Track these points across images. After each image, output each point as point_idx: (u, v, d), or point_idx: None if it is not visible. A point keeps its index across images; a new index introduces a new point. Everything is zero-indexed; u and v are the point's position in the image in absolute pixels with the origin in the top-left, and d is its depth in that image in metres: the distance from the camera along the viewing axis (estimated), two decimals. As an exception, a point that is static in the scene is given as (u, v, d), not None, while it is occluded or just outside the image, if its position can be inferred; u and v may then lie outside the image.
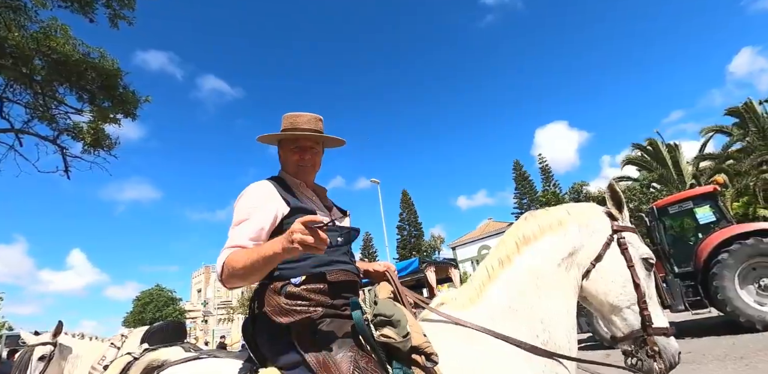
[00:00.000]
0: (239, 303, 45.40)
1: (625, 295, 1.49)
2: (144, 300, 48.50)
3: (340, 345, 1.21)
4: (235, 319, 47.65)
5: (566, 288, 1.51)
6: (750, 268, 6.98)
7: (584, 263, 1.53)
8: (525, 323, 1.42)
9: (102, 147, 9.18)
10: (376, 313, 1.22)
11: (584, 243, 1.55)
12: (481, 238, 39.57)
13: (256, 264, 1.17)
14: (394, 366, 1.19)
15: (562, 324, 1.46)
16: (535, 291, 1.47)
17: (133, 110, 9.18)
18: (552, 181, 33.47)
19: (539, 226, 1.57)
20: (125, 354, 2.54)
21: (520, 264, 1.52)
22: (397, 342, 1.17)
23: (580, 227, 1.57)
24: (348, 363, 1.15)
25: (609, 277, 1.51)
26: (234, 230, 1.36)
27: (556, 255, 1.52)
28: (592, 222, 1.60)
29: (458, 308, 1.50)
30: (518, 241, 1.56)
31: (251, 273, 1.21)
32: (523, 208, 35.65)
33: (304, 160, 1.58)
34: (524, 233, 1.57)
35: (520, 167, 36.79)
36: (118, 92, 8.82)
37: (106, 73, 8.37)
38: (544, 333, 1.42)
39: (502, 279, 1.51)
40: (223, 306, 51.96)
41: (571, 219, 1.59)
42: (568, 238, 1.55)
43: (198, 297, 58.41)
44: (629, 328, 1.49)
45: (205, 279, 58.75)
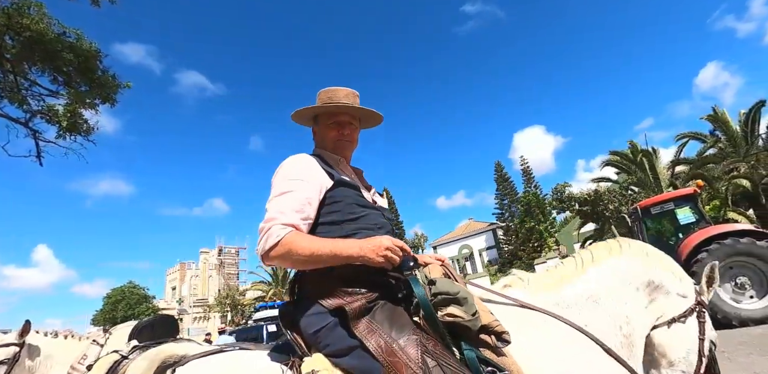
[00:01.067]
0: (216, 301, 44.41)
1: (686, 359, 1.51)
2: (115, 297, 46.83)
3: (401, 328, 1.11)
4: (211, 318, 46.62)
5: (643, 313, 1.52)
6: (727, 267, 7.18)
7: (667, 314, 1.55)
8: (608, 315, 1.42)
9: (79, 132, 8.60)
10: (437, 292, 1.12)
11: (671, 293, 1.58)
12: (461, 238, 39.88)
13: (324, 258, 1.16)
14: (463, 347, 1.07)
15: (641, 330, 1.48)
16: (622, 294, 1.49)
17: (112, 95, 8.66)
18: (533, 182, 34.00)
19: (638, 249, 1.63)
20: (111, 352, 2.29)
21: (612, 266, 1.55)
22: (466, 320, 1.07)
23: (669, 274, 1.61)
24: (415, 347, 1.04)
25: (681, 338, 1.54)
26: (277, 202, 1.26)
27: (643, 276, 1.56)
28: (687, 283, 1.63)
29: (533, 291, 1.48)
30: (614, 249, 1.61)
31: (313, 263, 1.18)
32: (504, 209, 36.11)
33: (343, 135, 1.50)
34: (622, 246, 1.63)
35: (501, 168, 37.30)
36: (96, 75, 8.33)
37: (84, 54, 7.89)
38: (628, 326, 1.42)
39: (591, 274, 1.53)
40: (199, 304, 50.78)
41: (666, 261, 1.65)
42: (657, 272, 1.59)
43: (172, 295, 56.82)
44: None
45: (179, 277, 57.19)
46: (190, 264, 58.43)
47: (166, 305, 51.82)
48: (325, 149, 1.51)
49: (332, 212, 1.32)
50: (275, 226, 1.18)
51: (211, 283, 55.75)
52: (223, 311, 42.10)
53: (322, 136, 1.53)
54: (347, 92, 1.50)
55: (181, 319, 46.11)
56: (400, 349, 1.04)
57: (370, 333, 1.10)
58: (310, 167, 1.34)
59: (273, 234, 1.17)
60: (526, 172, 34.45)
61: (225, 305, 41.50)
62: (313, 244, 1.16)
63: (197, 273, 56.99)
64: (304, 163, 1.36)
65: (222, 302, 41.87)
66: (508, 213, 35.45)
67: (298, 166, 1.34)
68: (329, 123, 1.50)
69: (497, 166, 37.22)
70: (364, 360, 1.07)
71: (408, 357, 1.02)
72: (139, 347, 2.38)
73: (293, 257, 1.16)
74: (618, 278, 1.52)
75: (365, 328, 1.12)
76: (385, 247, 1.15)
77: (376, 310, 1.17)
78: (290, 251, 1.15)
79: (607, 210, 21.87)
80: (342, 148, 1.51)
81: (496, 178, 36.85)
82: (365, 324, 1.13)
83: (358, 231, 1.31)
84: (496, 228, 37.13)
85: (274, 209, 1.23)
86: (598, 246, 1.65)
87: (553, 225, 32.46)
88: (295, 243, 1.15)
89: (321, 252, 1.15)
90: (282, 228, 1.18)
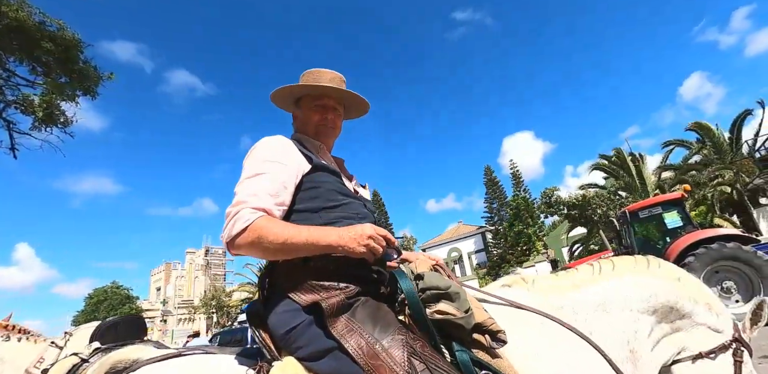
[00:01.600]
0: (201, 302, 43.69)
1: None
2: (97, 298, 45.81)
3: (385, 327, 0.99)
4: (197, 319, 45.83)
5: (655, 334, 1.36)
6: (713, 271, 7.24)
7: (692, 347, 1.38)
8: (619, 324, 1.29)
9: (55, 123, 8.25)
10: (425, 287, 1.01)
11: (698, 323, 1.41)
12: (451, 241, 39.90)
13: (299, 247, 1.03)
14: (455, 348, 0.96)
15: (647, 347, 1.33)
16: (638, 312, 1.34)
17: (93, 87, 8.32)
18: (522, 186, 34.21)
19: (668, 271, 1.47)
20: (70, 355, 2.10)
21: (634, 281, 1.40)
22: (458, 317, 0.96)
23: (716, 314, 1.44)
24: (400, 348, 0.93)
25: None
26: (249, 184, 1.13)
27: (666, 298, 1.39)
28: (724, 318, 1.45)
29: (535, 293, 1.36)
30: (641, 264, 1.47)
31: (286, 252, 1.05)
32: (493, 212, 36.26)
33: (326, 120, 1.39)
34: (650, 264, 1.46)
35: (490, 172, 37.47)
36: (78, 66, 7.98)
37: (65, 44, 7.57)
38: (636, 342, 1.28)
39: (611, 284, 1.39)
40: (184, 305, 49.85)
41: (703, 289, 1.48)
42: (684, 300, 1.41)
43: (157, 296, 55.78)
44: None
45: (165, 277, 56.23)
46: (176, 265, 57.48)
47: (150, 306, 50.81)
48: (305, 134, 1.41)
49: (310, 198, 1.21)
50: (244, 210, 1.06)
51: (197, 284, 54.89)
52: (209, 312, 41.45)
53: (303, 119, 1.42)
54: (333, 75, 1.41)
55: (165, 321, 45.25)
56: (383, 351, 0.93)
57: (349, 333, 0.98)
58: (286, 149, 1.23)
59: (241, 218, 1.04)
60: (516, 175, 34.66)
61: (211, 306, 40.88)
62: (287, 231, 1.03)
63: (183, 274, 56.08)
64: (281, 145, 1.24)
65: (207, 303, 41.21)
66: (498, 217, 35.58)
67: (274, 147, 1.23)
68: (312, 105, 1.39)
69: (487, 170, 37.42)
70: (342, 363, 0.95)
71: (393, 359, 0.91)
72: (101, 349, 2.21)
73: (263, 245, 1.02)
74: (638, 295, 1.38)
75: (344, 327, 0.99)
76: (368, 236, 1.03)
77: (357, 307, 1.06)
78: (260, 238, 1.02)
79: (596, 215, 22.08)
80: (324, 134, 1.40)
81: (485, 181, 37.02)
82: (344, 322, 1.01)
83: (338, 220, 1.20)
84: (485, 232, 37.22)
85: (245, 192, 1.10)
86: (623, 259, 1.50)
87: (542, 229, 32.68)
88: (266, 229, 1.02)
89: (295, 240, 1.02)
90: (252, 213, 1.05)
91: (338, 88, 1.37)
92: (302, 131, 1.42)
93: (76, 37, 7.94)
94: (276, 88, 1.39)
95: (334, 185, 1.26)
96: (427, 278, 1.05)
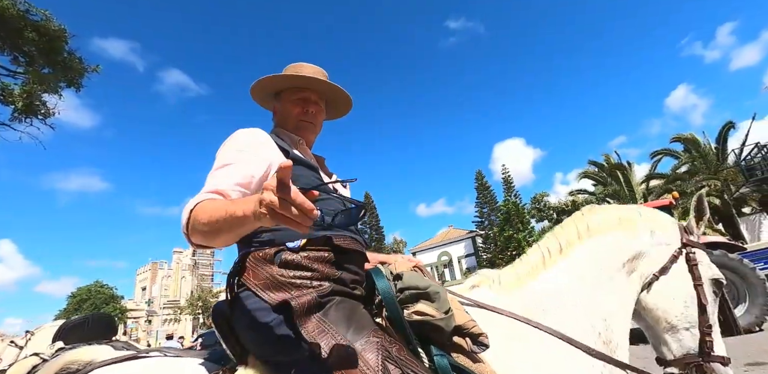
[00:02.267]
0: (188, 302, 43.13)
1: (685, 316, 1.34)
2: (80, 296, 44.96)
3: (358, 329, 0.92)
4: (182, 320, 45.17)
5: (625, 293, 1.34)
6: (700, 279, 7.30)
7: (647, 273, 1.38)
8: (586, 317, 1.24)
9: (36, 114, 7.92)
10: (403, 287, 0.97)
11: (650, 251, 1.39)
12: (441, 244, 39.95)
13: (220, 223, 0.83)
14: (433, 353, 0.91)
15: (624, 326, 1.29)
16: (597, 285, 1.30)
17: (77, 79, 8.05)
18: (513, 191, 34.41)
19: (606, 220, 1.42)
20: (30, 355, 1.99)
21: (582, 254, 1.35)
22: (437, 319, 0.92)
23: (651, 232, 1.41)
24: (375, 352, 0.86)
25: (671, 293, 1.36)
26: (216, 175, 1.06)
27: (620, 253, 1.37)
28: (663, 230, 1.45)
29: (501, 291, 1.31)
30: (582, 231, 1.39)
31: (214, 232, 0.87)
32: (484, 217, 36.42)
33: (308, 114, 1.33)
34: (590, 224, 1.40)
35: (482, 177, 37.68)
36: (62, 57, 7.71)
37: (49, 34, 7.28)
38: (607, 332, 1.24)
39: (562, 266, 1.33)
40: (170, 305, 49.15)
41: (642, 220, 1.44)
42: (635, 240, 1.39)
43: (142, 296, 54.99)
44: (682, 351, 1.34)
45: (151, 276, 55.44)
46: (163, 264, 56.73)
47: (134, 306, 50.03)
48: (284, 128, 1.34)
49: None
50: (196, 196, 0.96)
51: (183, 284, 54.17)
52: (195, 313, 40.92)
53: (283, 113, 1.36)
54: (316, 69, 1.36)
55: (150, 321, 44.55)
56: (356, 353, 0.86)
57: (320, 334, 0.90)
58: (260, 140, 1.16)
59: (187, 206, 0.93)
60: (507, 180, 34.85)
61: (197, 307, 40.37)
62: (216, 208, 0.86)
63: (169, 274, 55.34)
64: (254, 136, 1.18)
65: (194, 304, 40.69)
66: (488, 222, 35.75)
67: (248, 137, 1.16)
68: (294, 98, 1.34)
69: (478, 175, 37.64)
70: (311, 367, 0.88)
71: (366, 363, 0.84)
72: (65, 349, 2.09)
73: (200, 228, 0.88)
74: (592, 267, 1.34)
75: (315, 328, 0.92)
76: (264, 187, 0.70)
77: (330, 307, 0.98)
78: (195, 220, 0.89)
79: (585, 221, 22.24)
80: (304, 129, 1.34)
81: (476, 186, 37.22)
82: (315, 323, 0.93)
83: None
84: (475, 236, 37.34)
85: (210, 182, 1.03)
86: (565, 227, 1.44)
87: (532, 234, 32.81)
88: (200, 210, 0.89)
89: (219, 215, 0.83)
90: (200, 197, 0.95)
91: (321, 79, 1.31)
92: (282, 125, 1.36)
93: (62, 28, 7.68)
94: (256, 80, 1.32)
95: (311, 180, 1.19)
96: (406, 278, 1.01)
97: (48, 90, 8.00)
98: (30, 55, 7.66)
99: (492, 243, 33.77)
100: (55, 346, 2.16)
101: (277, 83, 1.35)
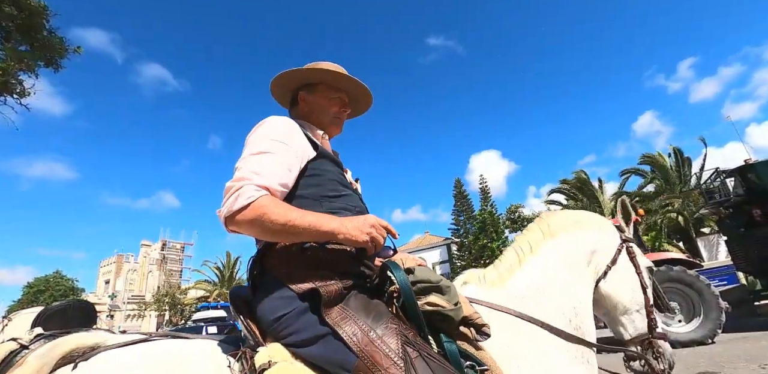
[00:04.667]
0: (154, 298, 41.65)
1: (634, 299, 1.57)
2: (37, 287, 42.84)
3: (378, 316, 0.99)
4: (147, 316, 43.61)
5: (589, 283, 1.56)
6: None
7: (601, 265, 1.60)
8: (558, 307, 1.42)
9: (11, 93, 7.45)
10: (416, 280, 1.05)
11: (603, 246, 1.62)
12: (416, 250, 40.16)
13: (300, 230, 1.00)
14: (443, 340, 1.01)
15: (590, 312, 1.51)
16: (565, 278, 1.49)
17: (57, 59, 7.63)
18: (490, 201, 35.07)
19: (565, 220, 1.64)
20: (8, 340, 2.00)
21: (549, 251, 1.55)
22: (448, 309, 1.01)
23: (597, 230, 1.66)
24: (395, 337, 0.93)
25: (622, 281, 1.59)
26: (253, 161, 1.09)
27: (581, 249, 1.58)
28: (606, 228, 1.70)
29: (486, 288, 1.47)
30: (545, 231, 1.59)
31: (286, 234, 1.02)
32: (460, 225, 36.86)
33: (342, 114, 1.40)
34: (551, 225, 1.61)
35: (460, 185, 38.08)
36: (41, 35, 7.35)
37: (29, 9, 6.87)
38: (577, 318, 1.43)
39: (533, 264, 1.51)
40: (134, 300, 47.30)
41: (590, 221, 1.69)
42: (591, 237, 1.62)
43: (105, 289, 52.66)
44: (637, 331, 1.57)
45: (115, 269, 53.20)
46: (129, 257, 54.53)
47: (96, 299, 47.77)
48: (310, 121, 1.34)
49: (312, 185, 1.18)
50: (248, 186, 1.02)
51: (150, 279, 52.17)
52: (161, 309, 39.58)
53: (316, 107, 1.36)
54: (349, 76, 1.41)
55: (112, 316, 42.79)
56: (378, 338, 0.92)
57: (344, 320, 0.97)
58: (294, 131, 1.19)
59: (244, 194, 1.00)
60: (484, 190, 35.42)
61: (163, 303, 39.07)
62: (291, 213, 1.00)
63: (136, 267, 53.22)
64: (289, 126, 1.20)
65: (160, 300, 39.36)
66: (463, 230, 36.22)
67: (282, 127, 1.19)
68: (333, 96, 1.37)
69: (457, 183, 38.09)
70: (333, 349, 0.94)
71: (387, 346, 0.91)
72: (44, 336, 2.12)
73: (265, 224, 0.98)
74: (559, 261, 1.52)
75: (338, 315, 0.98)
76: (371, 224, 1.03)
77: (350, 298, 1.05)
78: (262, 216, 0.98)
79: (556, 233, 23.01)
80: (336, 126, 1.39)
81: (455, 193, 37.62)
82: (338, 310, 1.00)
83: (339, 210, 1.17)
84: (450, 244, 37.80)
85: (249, 168, 1.06)
86: (530, 230, 1.63)
87: (506, 243, 33.47)
88: (269, 208, 0.99)
89: (298, 222, 0.98)
90: (256, 190, 1.02)
91: (367, 88, 1.38)
92: (308, 117, 1.36)
93: (42, 4, 7.32)
94: (301, 67, 1.34)
95: (336, 175, 1.25)
96: (417, 272, 1.07)
97: (25, 68, 7.60)
98: (7, 30, 7.29)
99: (466, 251, 34.25)
100: (33, 332, 2.19)
101: (319, 76, 1.36)
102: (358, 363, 0.90)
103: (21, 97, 8.07)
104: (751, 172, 9.80)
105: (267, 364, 0.93)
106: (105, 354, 1.01)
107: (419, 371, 0.88)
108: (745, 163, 10.36)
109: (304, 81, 1.39)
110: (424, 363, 0.90)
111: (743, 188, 9.95)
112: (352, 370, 0.90)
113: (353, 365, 0.91)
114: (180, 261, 57.10)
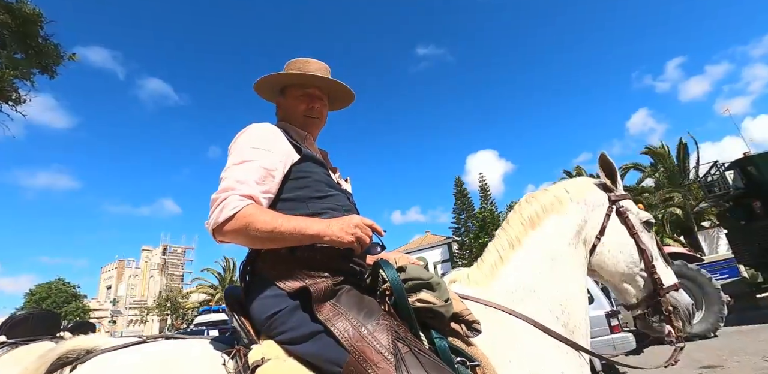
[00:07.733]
0: (155, 303, 41.62)
1: (633, 262, 1.48)
2: (40, 294, 42.49)
3: (369, 313, 1.00)
4: (149, 321, 43.55)
5: (577, 268, 1.48)
6: (661, 287, 7.77)
7: (590, 239, 1.52)
8: (545, 304, 1.37)
9: (6, 100, 7.45)
10: (407, 277, 1.06)
11: (587, 219, 1.53)
12: (417, 249, 40.20)
13: (286, 236, 1.03)
14: (434, 336, 1.02)
15: (580, 306, 1.43)
16: (550, 272, 1.43)
17: (52, 66, 7.62)
18: (490, 199, 35.04)
19: (542, 207, 1.53)
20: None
21: (531, 245, 1.47)
22: (438, 306, 1.01)
23: (579, 203, 1.55)
24: (386, 332, 0.94)
25: (615, 248, 1.50)
26: (236, 171, 1.11)
27: (564, 234, 1.49)
28: (589, 196, 1.57)
29: (472, 286, 1.42)
30: (524, 223, 1.51)
31: (272, 241, 1.05)
32: (460, 223, 36.86)
33: (313, 110, 1.39)
34: (529, 215, 1.53)
35: (461, 184, 38.07)
36: (36, 43, 7.32)
37: (24, 16, 6.85)
38: (564, 315, 1.37)
39: (515, 261, 1.44)
40: (136, 305, 47.26)
41: (569, 196, 1.56)
42: (571, 216, 1.52)
43: (107, 295, 52.63)
44: (642, 293, 1.49)
45: (117, 275, 53.14)
46: (130, 262, 54.49)
47: (98, 305, 47.90)
48: (290, 123, 1.37)
49: (297, 188, 1.20)
50: (232, 197, 1.04)
51: (152, 284, 52.23)
52: (163, 314, 39.54)
53: (288, 109, 1.40)
54: (320, 65, 1.40)
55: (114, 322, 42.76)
56: (369, 334, 0.94)
57: (335, 317, 0.98)
58: (275, 137, 1.21)
59: (229, 205, 1.02)
60: (484, 188, 35.43)
61: (165, 308, 39.03)
62: (275, 219, 1.03)
63: (137, 273, 53.27)
64: (270, 132, 1.22)
65: (162, 304, 39.32)
66: (464, 228, 36.19)
67: (263, 134, 1.20)
68: (299, 95, 1.38)
69: (457, 181, 38.09)
70: (327, 346, 0.96)
71: (378, 342, 0.92)
72: (8, 343, 2.04)
73: (251, 233, 1.01)
74: (542, 256, 1.44)
75: (330, 312, 1.00)
76: (355, 225, 1.05)
77: (342, 294, 1.07)
78: (248, 225, 1.01)
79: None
80: (310, 124, 1.39)
81: (455, 192, 37.63)
82: (330, 307, 1.02)
83: (326, 211, 1.19)
84: (451, 242, 37.77)
85: (232, 178, 1.08)
86: (510, 222, 1.54)
87: (506, 241, 33.48)
88: (254, 217, 1.02)
89: (283, 228, 1.01)
90: (240, 200, 1.04)
91: (324, 77, 1.36)
92: (287, 120, 1.39)
93: (37, 12, 7.29)
94: (260, 77, 1.36)
95: (322, 176, 1.26)
96: (409, 270, 1.09)
97: (19, 75, 7.60)
98: (2, 38, 7.28)
99: (467, 250, 34.22)
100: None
101: (282, 80, 1.39)
102: (350, 358, 0.91)
103: (16, 104, 8.08)
104: (750, 165, 9.76)
105: (260, 361, 0.95)
106: (102, 356, 1.04)
107: (410, 366, 0.88)
108: (745, 156, 10.33)
109: (278, 86, 1.43)
110: (414, 358, 0.91)
111: (743, 181, 9.91)
112: (344, 366, 0.92)
113: (345, 361, 0.92)
114: (181, 266, 57.09)
